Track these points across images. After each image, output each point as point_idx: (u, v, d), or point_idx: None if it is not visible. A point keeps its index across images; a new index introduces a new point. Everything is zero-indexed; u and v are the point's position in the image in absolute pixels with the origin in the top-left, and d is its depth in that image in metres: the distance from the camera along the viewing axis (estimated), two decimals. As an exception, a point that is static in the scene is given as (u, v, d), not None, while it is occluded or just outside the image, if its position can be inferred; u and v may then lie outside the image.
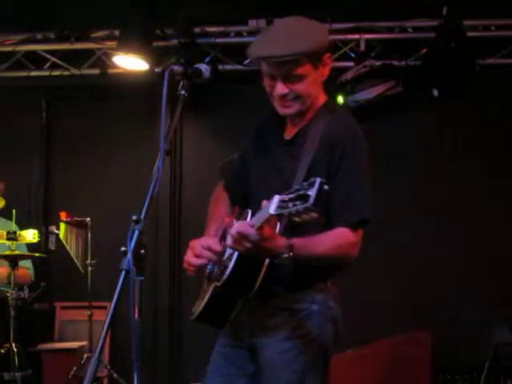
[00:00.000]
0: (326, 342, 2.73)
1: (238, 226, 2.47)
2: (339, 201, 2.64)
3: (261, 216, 2.45)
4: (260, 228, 2.42)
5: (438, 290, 6.53)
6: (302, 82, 2.68)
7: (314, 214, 2.26)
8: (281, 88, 2.69)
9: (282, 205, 2.31)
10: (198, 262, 2.71)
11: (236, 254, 2.58)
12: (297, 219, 2.30)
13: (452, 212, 6.68)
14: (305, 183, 2.28)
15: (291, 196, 2.28)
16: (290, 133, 2.85)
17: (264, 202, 2.44)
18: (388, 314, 6.47)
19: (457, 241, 6.60)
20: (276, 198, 2.34)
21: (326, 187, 2.25)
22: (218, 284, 2.65)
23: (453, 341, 6.29)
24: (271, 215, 2.35)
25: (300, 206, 2.24)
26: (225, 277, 2.61)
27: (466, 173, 6.72)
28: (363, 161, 2.73)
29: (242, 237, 2.43)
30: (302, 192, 2.26)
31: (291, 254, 2.49)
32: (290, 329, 2.69)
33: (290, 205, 2.27)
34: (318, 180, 2.25)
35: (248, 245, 2.43)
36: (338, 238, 2.64)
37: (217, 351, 2.90)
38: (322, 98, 2.85)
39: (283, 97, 2.72)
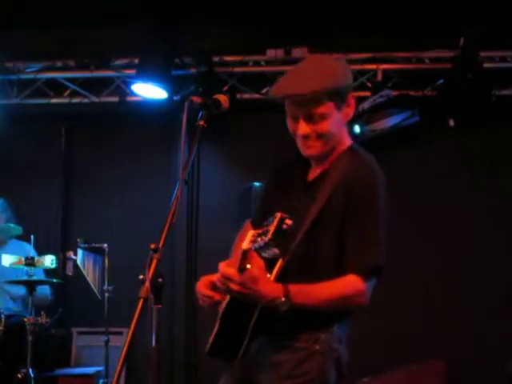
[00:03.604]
0: (326, 383, 2.66)
1: (220, 268, 2.48)
2: (352, 247, 2.60)
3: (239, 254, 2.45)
4: (242, 269, 2.40)
5: (452, 318, 6.49)
6: (325, 121, 2.64)
7: (276, 250, 2.28)
8: (303, 128, 2.65)
9: (252, 239, 2.32)
10: (204, 303, 2.77)
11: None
12: (264, 254, 2.32)
13: (467, 240, 6.65)
14: (270, 218, 2.28)
15: (259, 231, 2.29)
16: (313, 174, 2.80)
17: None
18: (402, 343, 6.42)
19: (472, 268, 6.55)
20: (250, 233, 2.36)
21: (288, 221, 2.24)
22: (220, 321, 2.67)
23: (468, 370, 6.21)
24: (243, 250, 2.36)
25: (261, 241, 2.24)
26: (220, 317, 2.63)
27: (483, 203, 6.70)
28: (380, 208, 2.65)
29: (224, 278, 2.45)
30: (266, 228, 2.27)
31: (287, 299, 2.46)
32: (290, 367, 2.63)
33: (259, 239, 2.27)
34: (278, 215, 2.26)
35: (234, 287, 2.44)
36: (343, 286, 2.58)
37: (223, 382, 2.85)
38: (346, 141, 2.80)
39: (306, 137, 2.68)
